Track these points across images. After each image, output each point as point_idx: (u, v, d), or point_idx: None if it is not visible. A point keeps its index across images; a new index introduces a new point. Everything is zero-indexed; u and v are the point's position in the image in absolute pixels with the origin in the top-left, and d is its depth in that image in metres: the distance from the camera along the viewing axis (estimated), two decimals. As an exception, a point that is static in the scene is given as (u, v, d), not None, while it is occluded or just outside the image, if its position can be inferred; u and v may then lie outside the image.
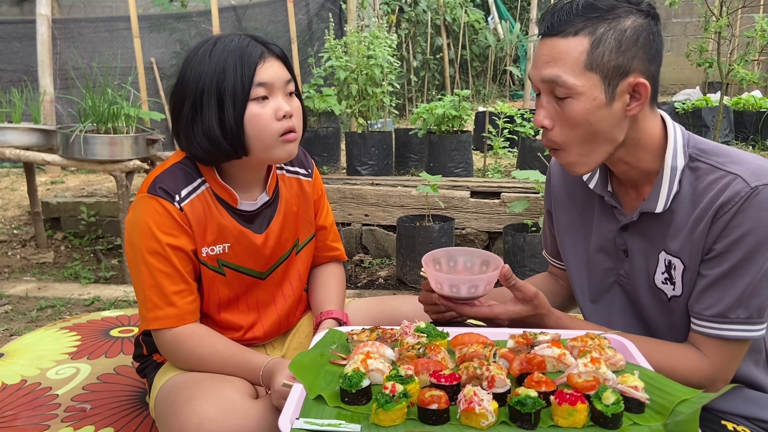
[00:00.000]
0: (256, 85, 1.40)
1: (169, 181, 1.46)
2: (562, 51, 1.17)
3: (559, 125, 1.21)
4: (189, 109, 1.43)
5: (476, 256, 1.40)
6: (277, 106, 1.43)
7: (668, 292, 1.28)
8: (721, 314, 1.20)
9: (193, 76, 1.43)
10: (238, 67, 1.40)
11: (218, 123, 1.40)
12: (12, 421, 1.89)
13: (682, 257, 1.24)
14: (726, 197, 1.17)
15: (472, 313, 1.34)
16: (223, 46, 1.43)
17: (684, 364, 1.23)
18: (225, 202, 1.52)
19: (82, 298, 3.28)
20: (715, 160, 1.22)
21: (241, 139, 1.42)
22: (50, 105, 5.21)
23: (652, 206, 1.26)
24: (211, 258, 1.51)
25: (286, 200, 1.63)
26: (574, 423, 0.99)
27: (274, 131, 1.43)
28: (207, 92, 1.41)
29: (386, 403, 1.00)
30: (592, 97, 1.17)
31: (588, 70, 1.16)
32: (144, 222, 1.44)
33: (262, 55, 1.43)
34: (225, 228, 1.51)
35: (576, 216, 1.46)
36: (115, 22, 6.28)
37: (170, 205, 1.44)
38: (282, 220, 1.61)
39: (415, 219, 3.68)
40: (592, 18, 1.17)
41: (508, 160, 5.19)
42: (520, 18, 10.21)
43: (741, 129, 5.81)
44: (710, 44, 5.94)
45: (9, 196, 5.15)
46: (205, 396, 1.34)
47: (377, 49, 4.70)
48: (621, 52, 1.16)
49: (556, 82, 1.18)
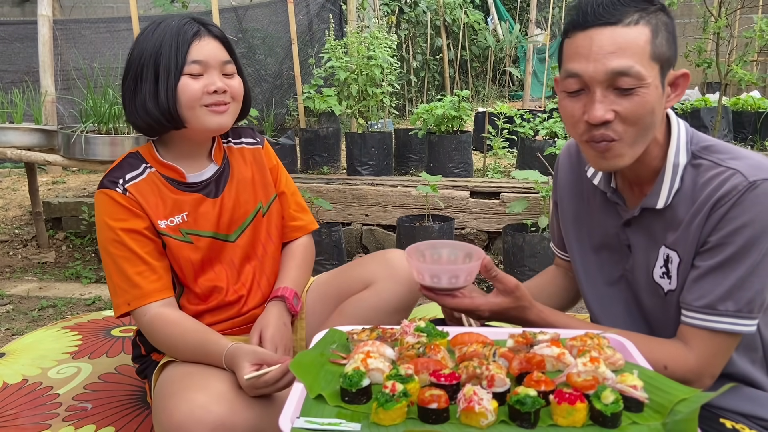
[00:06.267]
0: (190, 62, 1.49)
1: (114, 171, 1.58)
2: (629, 40, 1.13)
3: (621, 118, 1.16)
4: (130, 82, 1.54)
5: (460, 248, 1.40)
6: (209, 81, 1.51)
7: (665, 287, 1.29)
8: (710, 305, 1.20)
9: (136, 52, 1.53)
10: (173, 43, 1.49)
11: (153, 95, 1.50)
12: (13, 420, 1.90)
13: (678, 250, 1.25)
14: (724, 190, 1.17)
15: (453, 304, 1.33)
16: (164, 25, 1.53)
17: (668, 357, 1.22)
18: (173, 180, 1.60)
19: (83, 298, 3.29)
20: (717, 156, 1.22)
21: (174, 111, 1.50)
22: (51, 105, 5.22)
23: (654, 202, 1.26)
24: (172, 229, 1.58)
25: (237, 168, 1.69)
26: (573, 422, 0.99)
27: (202, 103, 1.51)
28: (146, 66, 1.50)
29: (386, 403, 1.00)
30: (655, 87, 1.16)
31: (652, 60, 1.15)
32: (99, 217, 1.55)
33: (197, 33, 1.52)
34: (178, 200, 1.59)
35: (582, 209, 1.46)
36: (116, 22, 6.28)
37: (115, 193, 1.54)
38: (237, 184, 1.67)
39: (415, 219, 3.68)
40: (642, 9, 1.15)
41: (507, 160, 5.20)
42: (520, 19, 10.21)
43: (740, 129, 5.81)
44: (709, 45, 5.94)
45: (10, 196, 5.15)
46: (194, 385, 1.37)
47: (377, 49, 4.71)
48: (671, 44, 1.18)
49: (629, 73, 1.13)
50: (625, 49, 1.13)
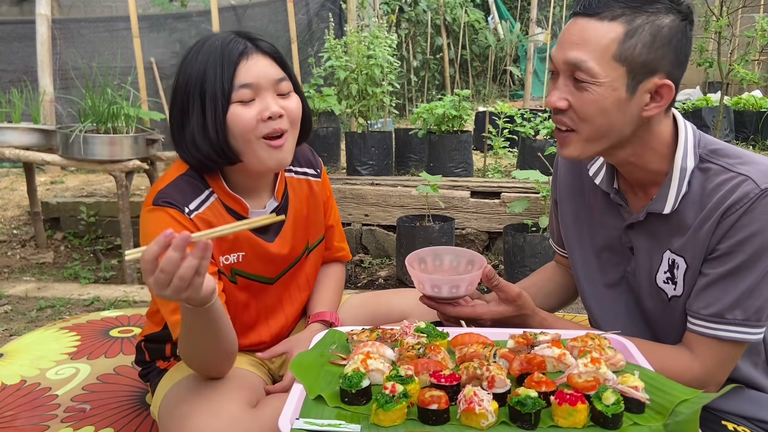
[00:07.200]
0: (238, 87, 1.32)
1: (175, 194, 1.37)
2: (593, 35, 1.13)
3: (573, 109, 1.17)
4: (177, 113, 1.38)
5: (461, 255, 1.39)
6: (263, 107, 1.33)
7: (669, 292, 1.27)
8: (718, 314, 1.19)
9: (181, 79, 1.37)
10: (218, 66, 1.32)
11: (201, 128, 1.33)
12: (11, 421, 1.89)
13: (686, 256, 1.23)
14: (735, 198, 1.15)
15: (454, 312, 1.33)
16: (208, 45, 1.35)
17: (674, 365, 1.21)
18: (235, 212, 1.45)
19: (81, 298, 3.28)
20: (726, 161, 1.20)
21: (225, 145, 1.34)
22: (50, 105, 5.21)
23: (660, 207, 1.23)
24: (226, 267, 1.45)
25: (295, 205, 1.57)
26: (574, 423, 0.99)
27: (257, 135, 1.34)
28: (191, 95, 1.34)
29: (386, 403, 1.00)
30: (612, 88, 1.13)
31: (615, 61, 1.12)
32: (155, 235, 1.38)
33: (244, 51, 1.33)
34: (238, 238, 1.44)
35: (582, 208, 1.43)
36: (115, 22, 6.28)
37: (180, 214, 1.35)
38: (293, 225, 1.55)
39: (415, 219, 3.68)
40: (632, 6, 1.12)
41: (508, 160, 5.20)
42: (520, 18, 10.21)
43: (741, 129, 5.81)
44: (710, 44, 5.94)
45: (8, 196, 5.14)
46: (205, 409, 1.31)
47: (377, 49, 4.70)
48: (653, 49, 1.12)
49: (581, 67, 1.13)
50: (587, 43, 1.13)
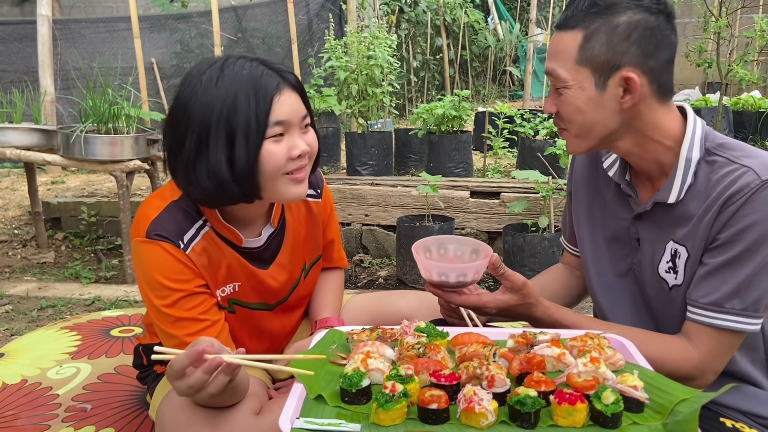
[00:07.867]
0: (273, 123, 1.27)
1: (168, 224, 1.32)
2: (562, 45, 1.24)
3: (559, 113, 1.29)
4: (192, 146, 1.28)
5: (466, 244, 1.41)
6: (292, 144, 1.30)
7: (670, 281, 1.29)
8: (716, 303, 1.21)
9: (198, 107, 1.26)
10: (251, 100, 1.25)
11: (227, 163, 1.26)
12: (12, 421, 1.89)
13: (687, 245, 1.25)
14: (736, 188, 1.18)
15: (460, 301, 1.35)
16: (232, 74, 1.27)
17: (673, 354, 1.23)
18: (229, 241, 1.41)
19: (82, 298, 3.28)
20: (731, 153, 1.23)
21: (252, 181, 1.29)
22: (51, 105, 5.22)
23: (666, 197, 1.27)
24: (223, 299, 1.43)
25: (292, 230, 1.53)
26: (573, 422, 0.99)
27: (284, 171, 1.31)
28: (215, 128, 1.25)
29: (386, 403, 1.00)
30: (581, 89, 1.23)
31: (578, 65, 1.22)
32: (151, 277, 1.30)
33: (278, 87, 1.28)
34: (232, 268, 1.42)
35: (596, 200, 1.47)
36: (116, 22, 6.28)
37: (176, 249, 1.31)
38: (289, 251, 1.52)
39: (415, 219, 3.68)
40: (591, 13, 1.21)
41: (507, 160, 5.20)
42: (520, 18, 10.21)
43: (740, 129, 5.81)
44: (709, 45, 5.94)
45: (10, 196, 5.15)
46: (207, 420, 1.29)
47: (377, 49, 4.71)
48: (612, 47, 1.20)
49: (554, 75, 1.26)
50: (558, 53, 1.25)
